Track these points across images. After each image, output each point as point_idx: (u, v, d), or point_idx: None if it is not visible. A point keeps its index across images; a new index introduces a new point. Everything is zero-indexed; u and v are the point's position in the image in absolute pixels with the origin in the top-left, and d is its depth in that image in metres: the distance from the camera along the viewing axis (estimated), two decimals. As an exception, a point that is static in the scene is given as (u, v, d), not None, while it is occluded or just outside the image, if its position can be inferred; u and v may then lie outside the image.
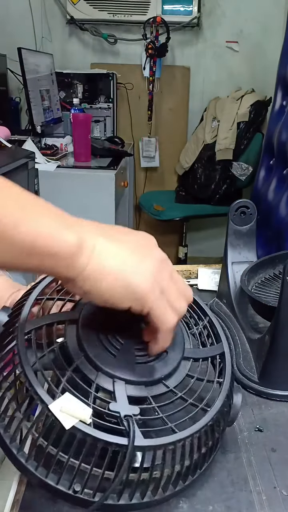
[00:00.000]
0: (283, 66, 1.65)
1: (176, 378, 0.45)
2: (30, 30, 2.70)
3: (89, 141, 2.13)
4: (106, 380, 0.41)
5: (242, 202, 0.73)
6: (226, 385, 0.46)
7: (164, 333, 0.42)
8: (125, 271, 0.39)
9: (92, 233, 0.40)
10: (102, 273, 0.38)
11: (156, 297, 0.40)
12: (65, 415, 0.37)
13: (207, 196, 2.61)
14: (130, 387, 0.41)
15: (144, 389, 0.42)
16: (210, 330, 0.52)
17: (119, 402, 0.39)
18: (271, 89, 1.79)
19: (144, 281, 0.39)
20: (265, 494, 0.45)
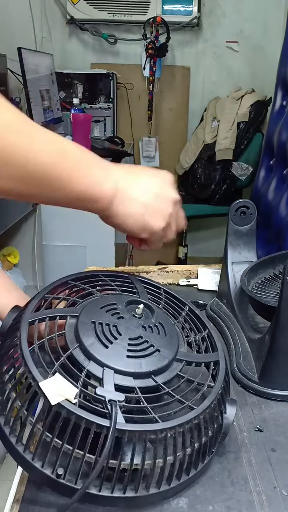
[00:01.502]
0: (283, 66, 1.65)
1: (166, 376, 0.46)
2: (30, 30, 2.70)
3: (89, 141, 2.13)
4: (96, 368, 0.43)
5: (242, 202, 0.73)
6: (217, 388, 0.46)
7: (155, 245, 0.57)
8: (143, 215, 0.52)
9: (124, 180, 0.51)
10: (127, 215, 0.51)
11: (161, 231, 0.54)
12: (53, 393, 0.39)
13: (207, 196, 2.61)
14: (118, 377, 0.43)
15: (132, 381, 0.44)
16: (208, 341, 0.53)
17: (105, 388, 0.41)
18: (271, 89, 1.79)
19: (157, 223, 0.53)
20: (265, 494, 0.45)
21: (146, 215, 0.52)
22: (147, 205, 0.52)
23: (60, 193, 0.46)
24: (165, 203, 0.53)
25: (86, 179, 0.47)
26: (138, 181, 0.52)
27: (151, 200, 0.52)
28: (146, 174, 0.54)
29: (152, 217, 0.52)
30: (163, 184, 0.54)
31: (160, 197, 0.53)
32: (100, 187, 0.48)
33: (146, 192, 0.52)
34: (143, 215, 0.51)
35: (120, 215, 0.51)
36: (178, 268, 0.96)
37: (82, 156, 0.48)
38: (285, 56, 1.65)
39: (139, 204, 0.51)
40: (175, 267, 0.97)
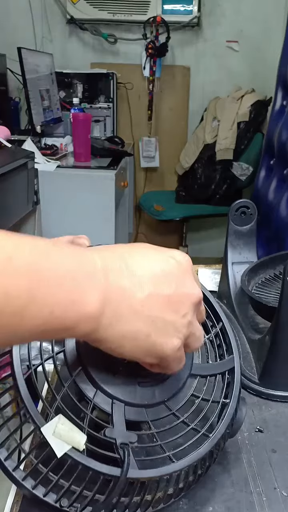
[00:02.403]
0: (283, 66, 1.64)
1: (180, 398, 0.42)
2: (30, 29, 2.70)
3: (89, 141, 2.13)
4: (104, 400, 0.38)
5: (242, 202, 0.73)
6: (232, 408, 0.43)
7: (172, 369, 0.38)
8: (149, 335, 0.34)
9: (116, 281, 0.33)
10: (123, 337, 0.33)
11: (176, 352, 0.36)
12: (57, 441, 0.34)
13: (207, 196, 2.60)
14: (129, 410, 0.38)
15: (144, 413, 0.39)
16: (222, 338, 0.47)
17: (116, 428, 0.37)
18: (271, 89, 1.79)
19: (170, 344, 0.35)
20: (265, 495, 0.45)
21: (153, 334, 0.34)
22: (155, 319, 0.34)
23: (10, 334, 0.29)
24: (182, 309, 0.35)
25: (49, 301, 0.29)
26: (140, 277, 0.34)
27: (162, 310, 0.34)
28: (149, 262, 0.35)
29: (162, 336, 0.34)
30: (178, 275, 0.35)
31: (175, 302, 0.35)
32: (76, 306, 0.30)
33: (153, 296, 0.34)
34: (148, 335, 0.34)
35: (112, 339, 0.33)
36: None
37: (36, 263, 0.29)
38: (285, 56, 1.65)
39: (142, 320, 0.33)
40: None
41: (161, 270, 0.35)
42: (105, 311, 0.32)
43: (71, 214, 2.00)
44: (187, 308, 0.35)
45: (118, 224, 2.19)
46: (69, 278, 0.30)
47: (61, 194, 1.98)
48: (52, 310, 0.29)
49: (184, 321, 0.35)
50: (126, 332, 0.33)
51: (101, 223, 2.01)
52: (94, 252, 0.33)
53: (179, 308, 0.35)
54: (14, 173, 1.46)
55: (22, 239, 0.29)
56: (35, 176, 1.70)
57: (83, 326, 0.31)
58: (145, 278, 0.34)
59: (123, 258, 0.34)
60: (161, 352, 0.35)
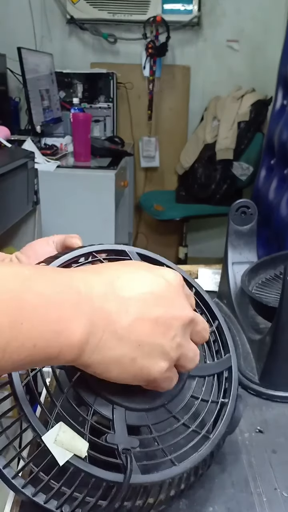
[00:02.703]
0: (284, 65, 1.64)
1: (180, 401, 0.42)
2: (29, 29, 2.69)
3: (89, 141, 2.12)
4: (104, 405, 0.37)
5: (242, 202, 0.73)
6: (231, 407, 0.43)
7: (163, 389, 0.38)
8: (135, 359, 0.33)
9: (101, 303, 0.32)
10: (108, 363, 0.33)
11: (164, 374, 0.35)
12: (59, 449, 0.34)
13: (207, 196, 2.60)
14: (130, 414, 0.38)
15: (145, 416, 0.39)
16: (218, 337, 0.47)
17: (117, 433, 0.36)
18: (271, 89, 1.79)
19: (157, 367, 0.34)
20: (266, 496, 0.45)
21: (139, 359, 0.33)
22: (141, 343, 0.33)
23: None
24: (170, 332, 0.34)
25: (33, 335, 0.28)
26: (127, 300, 0.33)
27: (148, 334, 0.33)
28: (138, 283, 0.34)
29: (148, 359, 0.34)
30: (168, 296, 0.35)
31: (163, 324, 0.34)
32: (59, 338, 0.30)
33: (139, 320, 0.33)
34: (134, 359, 0.33)
35: (97, 365, 0.33)
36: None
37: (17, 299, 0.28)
38: (285, 55, 1.65)
39: (127, 345, 0.33)
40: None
41: (150, 292, 0.34)
42: (89, 340, 0.31)
43: (71, 214, 2.00)
44: (175, 330, 0.34)
45: (118, 224, 2.19)
46: (52, 309, 0.29)
47: (61, 194, 1.98)
48: (35, 343, 0.28)
49: (172, 344, 0.34)
50: (110, 358, 0.32)
51: (101, 223, 2.01)
52: (79, 277, 0.32)
53: (167, 330, 0.34)
54: (14, 173, 1.46)
55: (1, 268, 0.29)
56: (35, 176, 1.70)
57: (67, 355, 0.31)
58: (132, 301, 0.33)
59: (110, 281, 0.33)
60: (147, 375, 0.34)
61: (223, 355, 0.46)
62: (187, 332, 0.36)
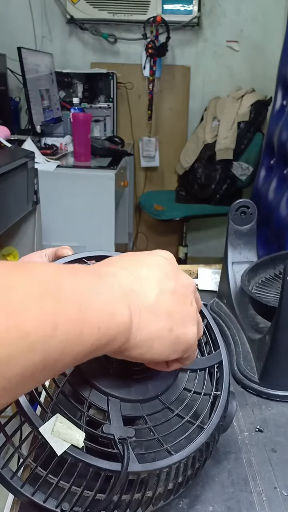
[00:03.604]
0: (284, 66, 1.64)
1: (173, 393, 0.43)
2: (30, 29, 2.70)
3: (89, 141, 2.13)
4: (99, 397, 0.38)
5: (242, 202, 0.73)
6: (224, 399, 0.44)
7: (192, 358, 0.40)
8: (171, 329, 0.36)
9: (132, 288, 0.34)
10: (151, 339, 0.35)
11: (196, 339, 0.39)
12: (56, 439, 0.34)
13: (207, 196, 2.61)
14: (125, 406, 0.39)
15: (140, 407, 0.40)
16: (207, 335, 0.49)
17: (113, 424, 0.37)
18: (271, 89, 1.79)
19: (190, 332, 0.37)
20: (266, 495, 0.45)
21: (175, 328, 0.36)
22: (171, 313, 0.36)
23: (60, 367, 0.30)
24: (188, 299, 0.38)
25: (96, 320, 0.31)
26: (145, 279, 0.36)
27: (174, 303, 0.36)
28: (145, 264, 0.37)
29: (182, 326, 0.36)
30: (172, 270, 0.38)
31: (181, 293, 0.37)
32: (114, 318, 0.32)
33: (162, 293, 0.36)
34: (171, 329, 0.36)
35: (142, 343, 0.34)
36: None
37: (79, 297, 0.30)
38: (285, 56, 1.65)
39: (161, 317, 0.35)
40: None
41: (158, 269, 0.37)
42: (132, 319, 0.33)
43: (71, 214, 2.00)
44: (190, 296, 0.38)
45: (118, 224, 2.19)
46: (101, 295, 0.32)
47: (61, 194, 1.98)
48: (99, 326, 0.31)
49: (193, 309, 0.38)
50: (151, 333, 0.35)
51: (101, 223, 2.01)
52: (102, 268, 0.35)
53: (185, 298, 0.38)
54: (14, 173, 1.46)
55: (44, 267, 0.31)
56: (35, 176, 1.70)
57: (121, 336, 0.33)
58: (150, 279, 0.36)
59: (124, 267, 0.36)
60: (185, 342, 0.37)
61: (213, 351, 0.48)
62: (195, 297, 0.40)
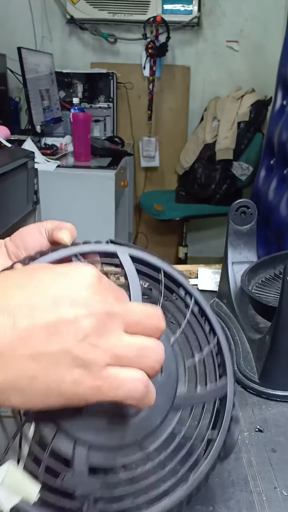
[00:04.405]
0: (284, 66, 1.65)
1: (159, 435, 0.35)
2: (30, 29, 2.70)
3: (89, 141, 2.13)
4: (65, 441, 0.32)
5: (242, 202, 0.73)
6: (219, 445, 0.36)
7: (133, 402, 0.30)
8: (34, 379, 0.27)
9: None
10: (5, 390, 0.27)
11: (98, 382, 0.28)
12: (6, 491, 0.30)
13: (207, 196, 2.61)
14: (95, 453, 0.32)
15: (113, 455, 0.33)
16: (215, 358, 0.39)
17: (76, 474, 0.31)
18: (271, 89, 1.79)
19: (68, 378, 0.27)
20: (266, 495, 0.45)
21: (40, 375, 0.27)
22: (37, 356, 0.27)
23: None
24: (76, 333, 0.27)
25: None
26: (11, 311, 0.27)
27: (45, 342, 0.27)
28: (30, 283, 0.28)
29: (55, 371, 0.27)
30: (70, 293, 0.28)
31: (64, 326, 0.27)
32: None
33: (30, 329, 0.27)
34: (33, 377, 0.27)
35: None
36: (178, 268, 0.96)
37: None
38: (285, 56, 1.65)
39: (17, 363, 0.27)
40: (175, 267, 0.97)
41: (44, 294, 0.28)
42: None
43: (71, 214, 2.00)
44: (84, 329, 0.27)
45: (118, 224, 2.19)
46: None
47: (61, 194, 1.98)
48: None
49: (83, 346, 0.27)
50: (3, 385, 0.27)
51: (101, 223, 2.01)
52: None
53: (72, 332, 0.27)
54: (14, 173, 1.46)
55: None
56: (35, 175, 1.70)
57: None
58: (23, 308, 0.27)
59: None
60: (64, 391, 0.28)
61: (217, 380, 0.38)
62: (111, 328, 0.28)
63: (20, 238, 0.41)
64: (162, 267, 0.40)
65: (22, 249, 0.40)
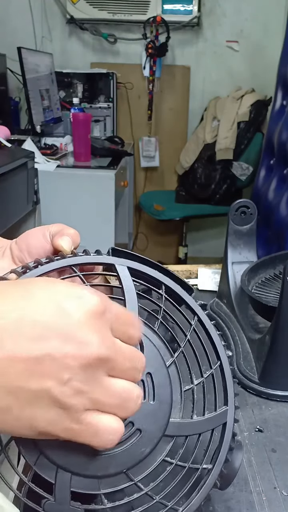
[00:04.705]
0: (284, 66, 1.64)
1: (148, 464, 0.33)
2: (30, 29, 2.70)
3: (89, 141, 2.13)
4: (47, 468, 0.30)
5: (242, 202, 0.73)
6: (214, 476, 0.34)
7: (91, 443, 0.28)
8: (8, 410, 0.26)
9: None
10: None
11: (71, 424, 0.27)
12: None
13: (207, 196, 2.61)
14: (78, 480, 0.30)
15: (97, 483, 0.31)
16: (214, 383, 0.36)
17: (58, 501, 0.30)
18: (271, 89, 1.79)
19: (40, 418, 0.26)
20: (265, 495, 0.45)
21: (15, 408, 0.26)
22: (15, 389, 0.25)
23: None
24: (61, 374, 0.25)
25: None
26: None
27: (25, 376, 0.25)
28: (22, 305, 0.26)
29: (30, 407, 0.26)
30: (65, 325, 0.26)
31: (49, 363, 0.25)
32: None
33: (11, 359, 0.25)
34: (8, 409, 0.25)
35: None
36: (178, 268, 0.96)
37: None
38: (285, 56, 1.65)
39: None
40: (175, 267, 0.97)
41: (33, 321, 0.25)
42: None
43: (71, 214, 2.00)
44: (70, 372, 0.25)
45: (118, 224, 2.19)
46: None
47: (61, 194, 1.98)
48: None
49: (65, 389, 0.25)
50: None
51: (101, 223, 2.01)
52: None
53: (56, 371, 0.25)
54: (14, 173, 1.46)
55: None
56: (35, 175, 1.70)
57: None
58: (6, 334, 0.25)
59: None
60: (31, 428, 0.26)
61: (217, 407, 0.36)
62: (97, 373, 0.26)
63: (25, 241, 0.40)
64: (164, 282, 0.36)
65: (26, 253, 0.40)
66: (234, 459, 0.35)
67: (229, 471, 0.35)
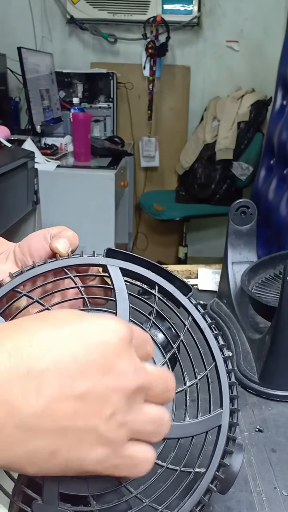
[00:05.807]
0: (284, 66, 1.64)
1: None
2: (30, 29, 2.70)
3: (89, 141, 2.13)
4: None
5: (242, 202, 0.73)
6: (207, 480, 0.33)
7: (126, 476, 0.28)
8: (58, 451, 0.25)
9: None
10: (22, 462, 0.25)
11: (114, 460, 0.27)
12: None
13: (207, 196, 2.61)
14: (66, 481, 0.30)
15: (86, 485, 0.30)
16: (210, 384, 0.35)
17: (46, 502, 0.30)
18: (271, 89, 1.79)
19: (88, 457, 0.26)
20: (265, 495, 0.45)
21: (63, 449, 0.25)
22: (63, 430, 0.24)
23: None
24: (105, 409, 0.25)
25: None
26: (40, 376, 0.24)
27: (72, 416, 0.24)
28: (55, 343, 0.25)
29: (78, 448, 0.25)
30: (101, 360, 0.25)
31: (93, 400, 0.25)
32: None
33: (56, 402, 0.24)
34: (56, 451, 0.25)
35: (8, 464, 0.25)
36: (178, 268, 0.96)
37: None
38: (285, 56, 1.65)
39: (42, 436, 0.24)
40: (175, 267, 0.97)
41: (72, 359, 0.24)
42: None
43: (71, 213, 2.00)
44: (114, 405, 0.25)
45: (118, 224, 2.19)
46: None
47: (61, 194, 1.98)
48: None
49: (111, 425, 0.25)
50: (20, 456, 0.24)
51: (101, 223, 2.01)
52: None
53: (100, 407, 0.25)
54: (14, 173, 1.46)
55: None
56: (35, 175, 1.70)
57: None
58: (48, 375, 0.24)
59: (18, 354, 0.24)
60: (81, 468, 0.26)
61: (211, 409, 0.35)
62: (136, 402, 0.27)
63: (27, 244, 0.41)
64: (157, 282, 0.36)
65: (28, 255, 0.40)
66: (233, 463, 0.34)
67: (228, 475, 0.34)
